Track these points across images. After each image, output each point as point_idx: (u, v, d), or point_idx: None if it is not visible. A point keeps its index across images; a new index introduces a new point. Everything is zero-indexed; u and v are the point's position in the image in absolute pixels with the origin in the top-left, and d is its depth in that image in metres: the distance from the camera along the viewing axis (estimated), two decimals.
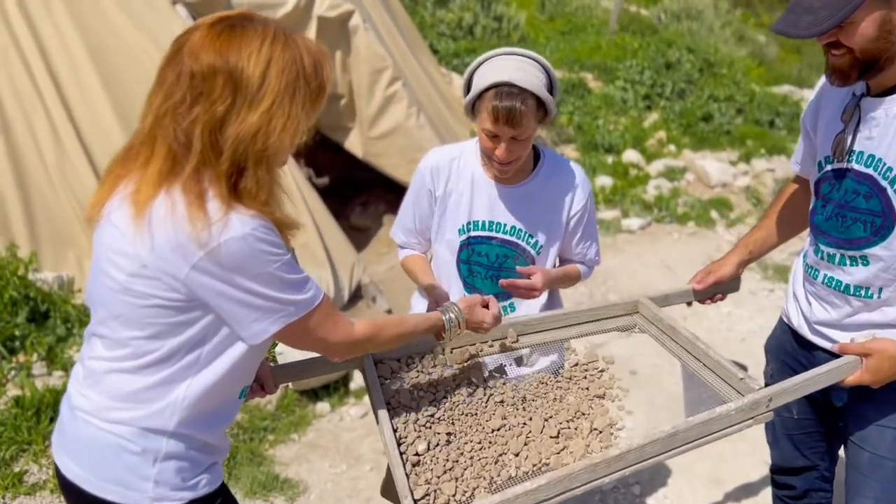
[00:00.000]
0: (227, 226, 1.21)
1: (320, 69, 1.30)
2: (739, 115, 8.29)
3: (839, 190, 1.78)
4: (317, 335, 1.36)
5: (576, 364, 1.83)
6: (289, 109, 1.23)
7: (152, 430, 1.32)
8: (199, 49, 1.21)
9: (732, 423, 1.49)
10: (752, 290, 5.10)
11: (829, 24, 1.52)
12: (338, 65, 5.01)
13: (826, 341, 1.90)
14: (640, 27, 10.51)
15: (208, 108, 1.20)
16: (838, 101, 1.80)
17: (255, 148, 1.22)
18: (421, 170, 2.01)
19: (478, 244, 1.99)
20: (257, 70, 1.20)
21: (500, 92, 1.74)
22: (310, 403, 3.50)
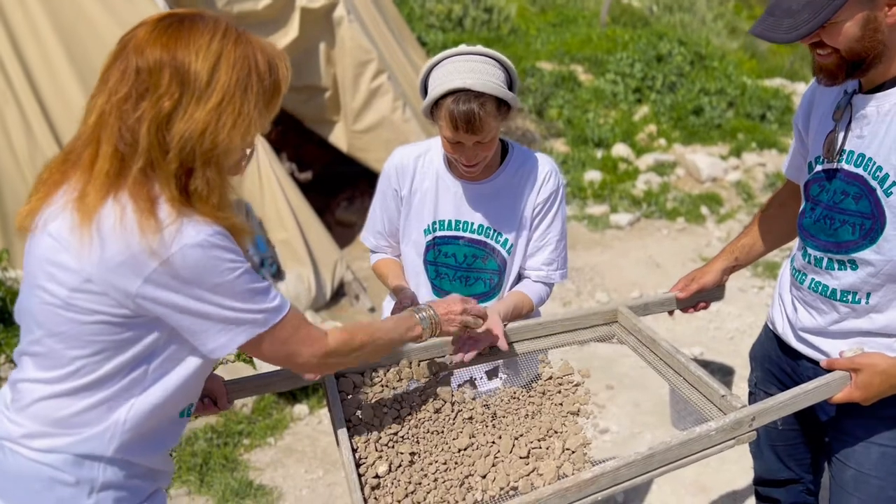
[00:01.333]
0: (180, 233, 1.14)
1: (275, 68, 1.23)
2: (730, 109, 8.23)
3: (828, 191, 1.71)
4: (287, 348, 1.28)
5: (550, 377, 1.75)
6: (239, 106, 1.17)
7: (88, 456, 1.23)
8: (144, 45, 1.14)
9: (713, 443, 1.42)
10: (741, 288, 5.04)
11: (810, 26, 1.46)
12: (322, 57, 4.92)
13: (811, 349, 1.82)
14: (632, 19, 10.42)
15: (154, 103, 1.13)
16: (830, 100, 1.73)
17: (202, 146, 1.15)
18: (386, 170, 1.93)
19: (444, 244, 1.90)
20: (206, 65, 1.14)
21: (458, 98, 1.65)
22: (287, 406, 3.42)
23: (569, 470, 1.43)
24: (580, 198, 6.49)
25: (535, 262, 1.94)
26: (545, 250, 1.93)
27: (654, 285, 5.07)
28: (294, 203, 4.35)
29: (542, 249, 1.93)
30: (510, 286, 1.95)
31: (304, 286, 4.21)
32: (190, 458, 2.98)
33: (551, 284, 1.98)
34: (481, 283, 1.91)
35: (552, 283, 1.98)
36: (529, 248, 1.93)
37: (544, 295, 1.95)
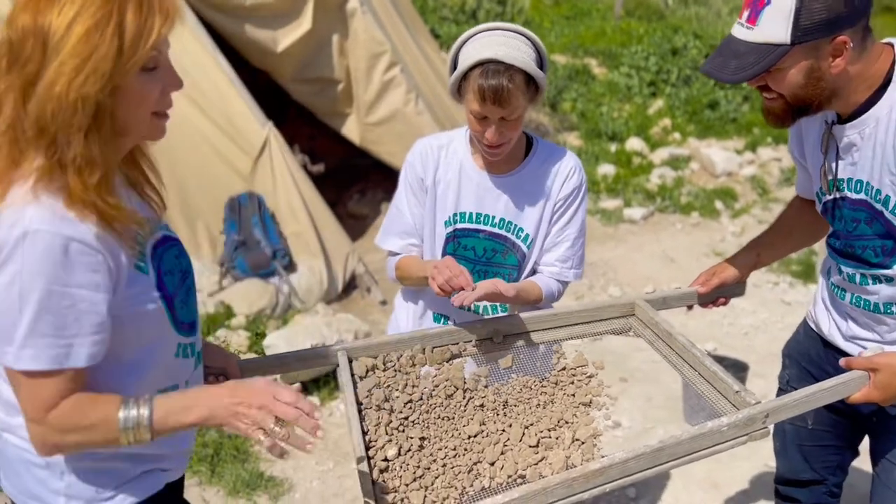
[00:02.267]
0: (16, 215, 1.06)
1: (149, 16, 1.10)
2: (746, 103, 8.15)
3: (841, 220, 1.72)
4: (16, 393, 1.14)
5: (563, 368, 1.73)
6: (86, 55, 1.05)
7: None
8: (17, 13, 1.09)
9: (725, 439, 1.40)
10: (755, 283, 4.99)
11: (755, 70, 1.48)
12: (334, 49, 4.91)
13: (861, 349, 1.80)
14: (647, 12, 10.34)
15: (20, 70, 1.07)
16: (816, 131, 1.73)
17: (50, 104, 1.05)
18: (410, 161, 1.89)
19: (464, 237, 1.88)
20: (64, 20, 1.06)
21: (487, 70, 1.63)
22: None
23: (577, 460, 1.42)
24: (594, 192, 6.45)
25: (549, 258, 1.91)
26: (561, 246, 1.90)
27: (668, 280, 5.04)
28: (306, 196, 4.35)
29: (559, 246, 1.90)
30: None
31: (315, 279, 4.21)
32: (201, 448, 2.99)
33: (565, 283, 1.93)
34: (500, 277, 1.86)
35: (565, 282, 1.93)
36: (546, 244, 1.90)
37: (556, 291, 1.91)
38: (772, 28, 1.46)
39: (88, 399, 1.15)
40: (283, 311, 4.04)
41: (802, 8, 1.43)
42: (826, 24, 1.44)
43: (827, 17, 1.43)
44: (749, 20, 1.50)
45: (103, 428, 1.14)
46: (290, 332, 3.58)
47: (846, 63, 1.49)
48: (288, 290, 4.09)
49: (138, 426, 1.14)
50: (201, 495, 2.82)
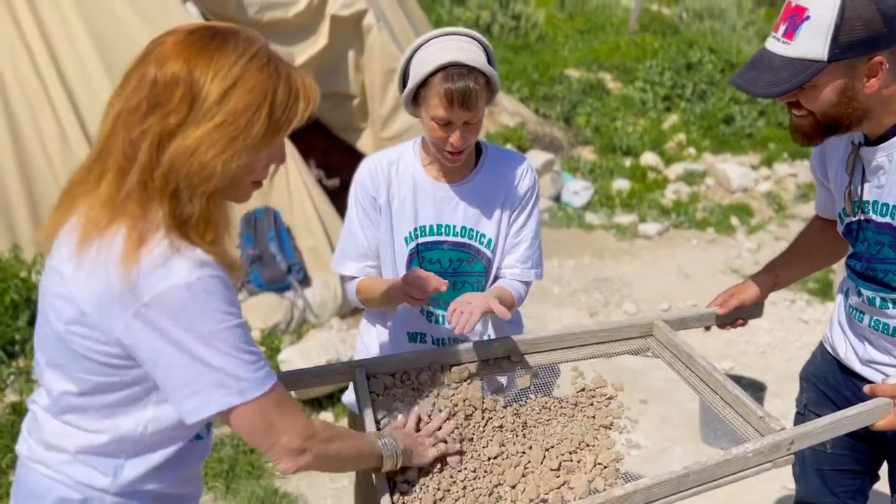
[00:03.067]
0: (168, 269, 1.08)
1: (294, 103, 1.15)
2: (762, 118, 8.12)
3: (864, 242, 1.70)
4: (267, 424, 1.16)
5: (582, 389, 1.72)
6: (238, 132, 1.09)
7: (90, 486, 1.22)
8: (167, 56, 1.10)
9: (749, 465, 1.38)
10: (772, 302, 4.93)
11: (789, 86, 1.46)
12: (350, 65, 4.94)
13: (879, 375, 1.78)
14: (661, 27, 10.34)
15: (161, 119, 1.08)
16: (841, 151, 1.71)
17: (189, 167, 1.08)
18: (359, 179, 1.83)
19: (428, 251, 1.84)
20: (220, 87, 1.09)
21: (450, 73, 1.60)
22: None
23: (600, 485, 1.40)
24: (608, 206, 6.44)
25: (510, 260, 1.89)
26: (520, 247, 1.88)
27: (683, 297, 5.00)
28: (322, 210, 4.37)
29: (518, 247, 1.88)
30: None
31: (330, 293, 4.22)
32: (216, 464, 2.99)
33: (527, 283, 1.91)
34: (468, 286, 1.86)
35: (528, 282, 1.92)
36: (506, 246, 1.88)
37: (522, 292, 1.89)
38: (809, 44, 1.44)
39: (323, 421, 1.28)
40: (298, 326, 4.05)
41: (843, 25, 1.41)
42: (864, 42, 1.42)
43: (866, 36, 1.42)
44: (786, 35, 1.48)
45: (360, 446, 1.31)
46: (305, 346, 3.58)
47: (880, 84, 1.47)
48: (303, 304, 4.09)
49: (396, 455, 1.36)
50: None
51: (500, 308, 1.59)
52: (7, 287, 3.33)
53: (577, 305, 4.92)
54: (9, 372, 3.18)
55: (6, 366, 3.20)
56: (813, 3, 1.44)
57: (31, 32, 3.92)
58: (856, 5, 1.42)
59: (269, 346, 3.72)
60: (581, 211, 6.31)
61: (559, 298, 4.97)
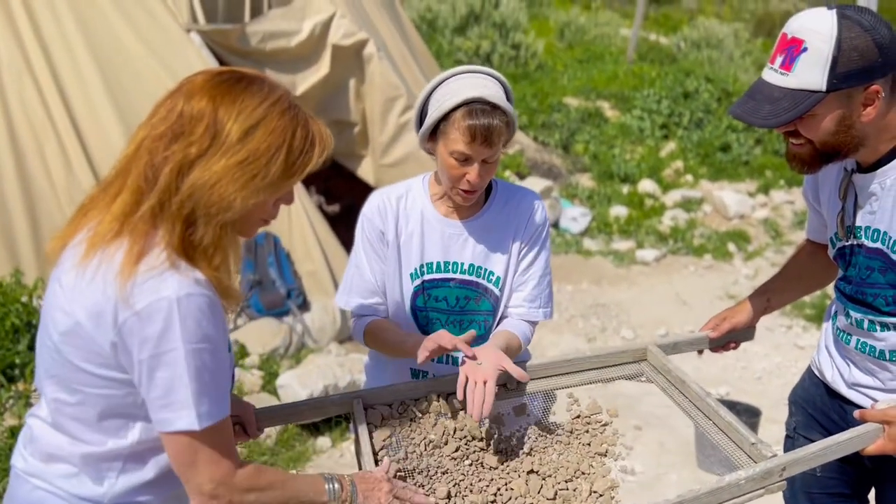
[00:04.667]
0: (161, 282, 1.13)
1: (310, 150, 1.22)
2: (758, 146, 8.20)
3: (855, 267, 1.73)
4: (190, 460, 1.18)
5: (578, 416, 1.74)
6: (258, 171, 1.16)
7: (85, 498, 1.25)
8: (196, 92, 1.18)
9: (742, 492, 1.40)
10: (768, 327, 4.97)
11: (789, 116, 1.49)
12: (351, 93, 5.01)
13: (864, 398, 1.80)
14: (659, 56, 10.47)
15: (184, 147, 1.15)
16: (834, 177, 1.74)
17: (209, 197, 1.15)
18: (366, 214, 1.81)
19: (434, 288, 1.81)
20: (243, 126, 1.16)
21: (474, 109, 1.60)
22: (310, 438, 3.42)
23: None
24: (606, 233, 6.48)
25: (517, 299, 1.85)
26: (527, 286, 1.84)
27: (681, 323, 5.03)
28: (321, 236, 4.41)
29: (525, 285, 1.84)
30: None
31: (329, 318, 4.24)
32: None
33: (534, 323, 1.87)
34: (475, 325, 1.83)
35: (535, 322, 1.87)
36: (514, 284, 1.84)
37: (529, 334, 1.84)
38: (807, 75, 1.47)
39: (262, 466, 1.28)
40: (297, 351, 4.07)
41: (840, 56, 1.44)
42: (861, 72, 1.46)
43: (862, 66, 1.45)
44: (783, 66, 1.51)
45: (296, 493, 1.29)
46: (303, 371, 3.59)
47: (877, 112, 1.51)
48: (301, 329, 4.11)
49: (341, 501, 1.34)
50: None
51: (515, 368, 1.57)
52: (8, 311, 3.35)
53: (574, 331, 4.94)
54: (8, 396, 3.19)
55: (6, 389, 3.21)
56: (810, 36, 1.48)
57: (37, 60, 3.98)
58: (851, 37, 1.45)
59: (268, 371, 3.74)
60: (579, 237, 6.35)
61: (557, 324, 4.99)
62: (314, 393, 3.41)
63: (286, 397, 3.44)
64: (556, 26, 11.78)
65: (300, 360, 3.92)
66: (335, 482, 1.34)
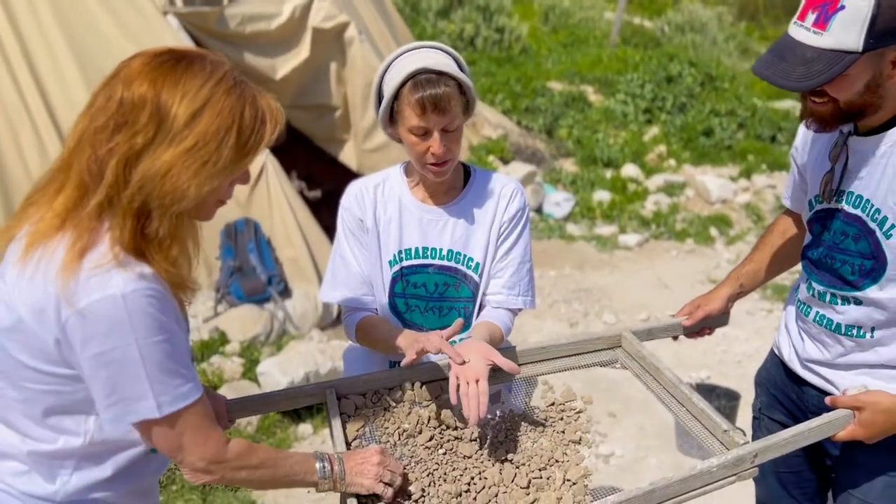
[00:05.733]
0: (107, 281, 1.10)
1: (261, 127, 1.18)
2: (741, 130, 8.22)
3: (829, 230, 1.72)
4: (177, 442, 1.19)
5: (552, 403, 1.74)
6: (209, 156, 1.12)
7: (36, 496, 1.23)
8: (134, 77, 1.13)
9: (714, 479, 1.41)
10: (748, 311, 5.01)
11: (823, 78, 1.45)
12: (332, 76, 4.96)
13: (817, 378, 1.82)
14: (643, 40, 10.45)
15: (128, 138, 1.11)
16: (826, 138, 1.73)
17: (162, 188, 1.11)
18: (345, 205, 1.81)
19: (412, 274, 1.80)
20: (189, 109, 1.11)
21: (419, 80, 1.59)
22: (291, 425, 3.42)
23: (569, 502, 1.42)
24: (589, 218, 6.49)
25: (495, 286, 1.83)
26: (506, 272, 1.83)
27: (662, 307, 5.05)
28: (302, 221, 4.38)
29: (503, 272, 1.83)
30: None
31: (311, 304, 4.22)
32: None
33: (514, 311, 1.85)
34: (455, 312, 1.83)
35: (515, 310, 1.85)
36: (492, 270, 1.83)
37: (509, 323, 1.83)
38: (844, 34, 1.43)
39: (252, 445, 1.28)
40: (278, 337, 4.05)
41: (879, 14, 1.40)
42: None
43: None
44: (817, 24, 1.46)
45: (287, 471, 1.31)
46: (284, 358, 3.58)
47: None
48: (283, 315, 4.09)
49: (331, 479, 1.35)
50: None
51: (504, 360, 1.54)
52: None
53: (556, 316, 4.95)
54: None
55: None
56: None
57: (10, 44, 3.91)
58: None
59: (249, 358, 3.72)
60: (562, 222, 6.36)
61: (539, 309, 5.00)
62: (295, 380, 3.40)
63: (266, 385, 3.43)
64: (541, 10, 11.71)
65: (281, 347, 3.90)
66: (325, 461, 1.36)
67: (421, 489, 1.46)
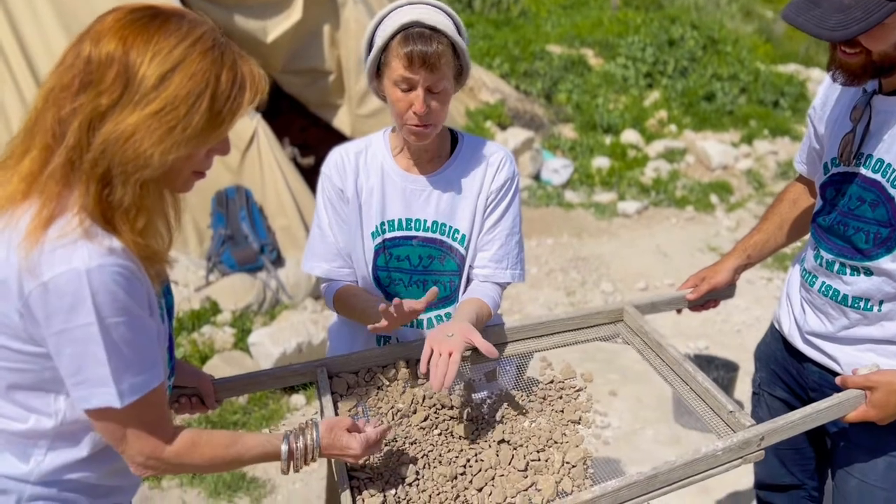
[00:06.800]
0: (71, 253, 1.02)
1: (239, 94, 1.09)
2: (743, 95, 8.09)
3: (844, 195, 1.63)
4: (120, 433, 1.13)
5: (551, 381, 1.68)
6: (177, 121, 1.04)
7: (9, 476, 1.18)
8: (104, 34, 1.04)
9: (719, 462, 1.35)
10: (749, 280, 4.94)
11: (861, 27, 1.35)
12: (325, 40, 4.82)
13: (818, 353, 1.76)
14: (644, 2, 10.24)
15: (93, 98, 1.03)
16: (848, 98, 1.63)
17: (124, 154, 1.03)
18: (325, 173, 1.72)
19: (395, 247, 1.72)
20: (158, 70, 1.02)
21: (410, 34, 1.51)
22: (284, 396, 3.37)
23: (568, 486, 1.36)
24: (588, 185, 6.40)
25: (482, 259, 1.74)
26: (494, 244, 1.73)
27: (661, 275, 4.99)
28: (295, 189, 4.28)
29: (491, 244, 1.74)
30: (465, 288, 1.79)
31: (303, 274, 4.14)
32: None
33: (502, 285, 1.77)
34: (441, 286, 1.74)
35: (503, 284, 1.77)
36: (479, 243, 1.74)
37: (497, 297, 1.73)
38: None
39: (203, 434, 1.21)
40: (271, 307, 3.98)
41: None
42: None
43: None
44: None
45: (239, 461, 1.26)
46: (276, 328, 3.52)
47: None
48: (276, 285, 4.02)
49: (298, 456, 1.29)
50: (182, 497, 2.76)
51: (483, 342, 1.46)
52: None
53: (554, 285, 4.89)
54: None
55: None
56: None
57: None
58: None
59: (241, 328, 3.66)
60: (560, 189, 6.26)
61: (536, 278, 4.93)
62: (287, 351, 3.34)
63: (258, 355, 3.37)
64: None
65: (274, 317, 3.84)
66: (292, 441, 1.29)
67: (415, 471, 1.40)
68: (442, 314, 1.76)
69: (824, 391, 1.73)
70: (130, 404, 1.10)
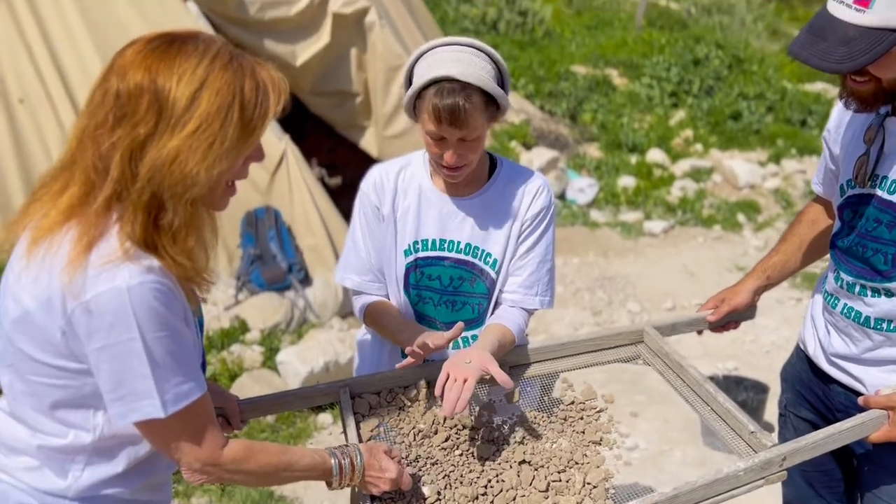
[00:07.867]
0: (113, 274, 1.07)
1: (264, 98, 1.14)
2: (770, 114, 8.04)
3: (861, 217, 1.64)
4: (174, 441, 1.17)
5: (572, 402, 1.69)
6: (214, 136, 1.08)
7: (49, 492, 1.21)
8: (128, 67, 1.09)
9: (741, 483, 1.35)
10: (778, 300, 4.90)
11: (866, 59, 1.38)
12: (353, 62, 4.91)
13: (844, 374, 1.75)
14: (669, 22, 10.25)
15: (130, 130, 1.08)
16: (862, 120, 1.65)
17: (171, 177, 1.07)
18: (363, 189, 1.76)
19: (427, 266, 1.75)
20: (187, 91, 1.08)
21: (441, 89, 1.53)
22: (311, 415, 3.41)
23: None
24: (613, 204, 6.40)
25: (512, 284, 1.76)
26: (525, 271, 1.76)
27: (688, 295, 4.96)
28: (323, 209, 4.35)
29: (522, 270, 1.76)
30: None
31: (331, 292, 4.20)
32: None
33: (530, 311, 1.79)
34: (469, 308, 1.77)
35: (531, 310, 1.79)
36: (510, 268, 1.76)
37: (523, 324, 1.76)
38: (888, 11, 1.36)
39: (256, 443, 1.25)
40: (298, 326, 4.04)
41: None
42: None
43: None
44: (859, 1, 1.39)
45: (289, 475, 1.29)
46: (304, 347, 3.57)
47: None
48: (303, 304, 4.08)
49: (346, 475, 1.32)
50: None
51: (500, 372, 1.48)
52: None
53: (580, 304, 4.89)
54: None
55: None
56: None
57: (32, 33, 3.92)
58: None
59: (269, 347, 3.71)
60: (586, 208, 6.27)
61: (562, 297, 4.93)
62: (315, 370, 3.38)
63: (286, 374, 3.42)
64: None
65: (302, 336, 3.89)
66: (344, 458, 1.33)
67: (437, 492, 1.43)
68: (469, 335, 1.79)
69: (850, 412, 1.73)
70: (175, 414, 1.13)
